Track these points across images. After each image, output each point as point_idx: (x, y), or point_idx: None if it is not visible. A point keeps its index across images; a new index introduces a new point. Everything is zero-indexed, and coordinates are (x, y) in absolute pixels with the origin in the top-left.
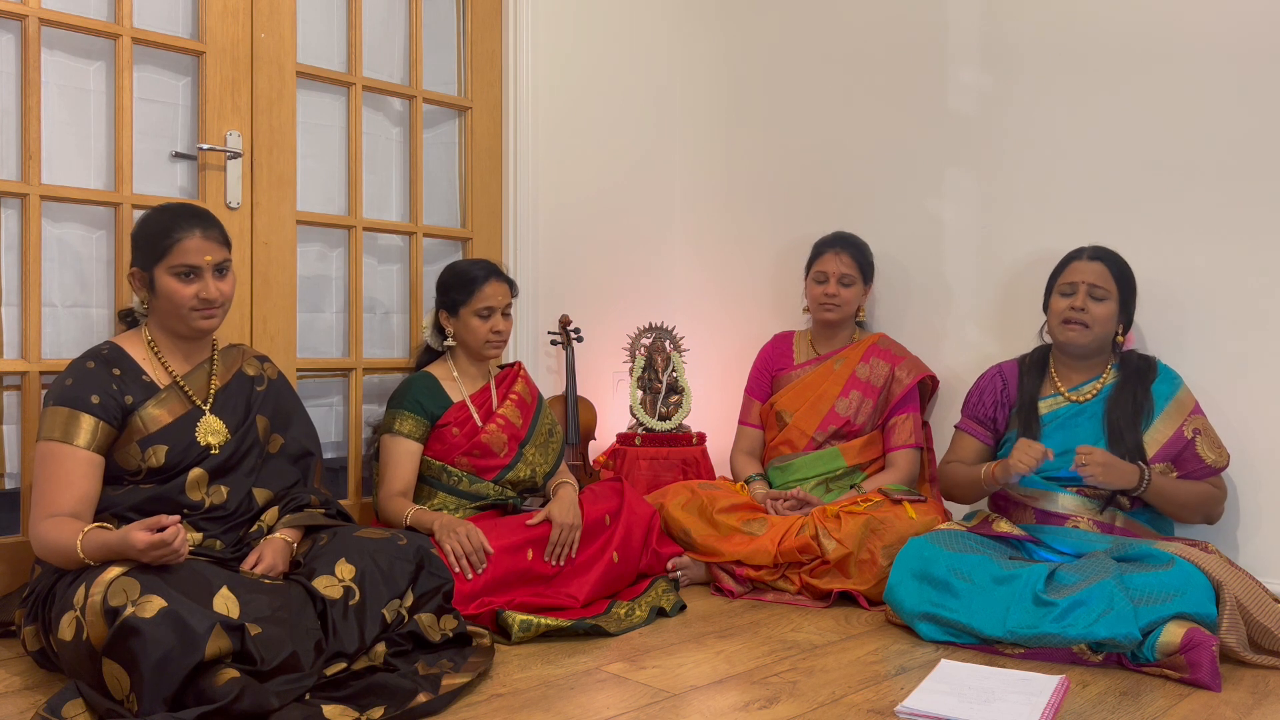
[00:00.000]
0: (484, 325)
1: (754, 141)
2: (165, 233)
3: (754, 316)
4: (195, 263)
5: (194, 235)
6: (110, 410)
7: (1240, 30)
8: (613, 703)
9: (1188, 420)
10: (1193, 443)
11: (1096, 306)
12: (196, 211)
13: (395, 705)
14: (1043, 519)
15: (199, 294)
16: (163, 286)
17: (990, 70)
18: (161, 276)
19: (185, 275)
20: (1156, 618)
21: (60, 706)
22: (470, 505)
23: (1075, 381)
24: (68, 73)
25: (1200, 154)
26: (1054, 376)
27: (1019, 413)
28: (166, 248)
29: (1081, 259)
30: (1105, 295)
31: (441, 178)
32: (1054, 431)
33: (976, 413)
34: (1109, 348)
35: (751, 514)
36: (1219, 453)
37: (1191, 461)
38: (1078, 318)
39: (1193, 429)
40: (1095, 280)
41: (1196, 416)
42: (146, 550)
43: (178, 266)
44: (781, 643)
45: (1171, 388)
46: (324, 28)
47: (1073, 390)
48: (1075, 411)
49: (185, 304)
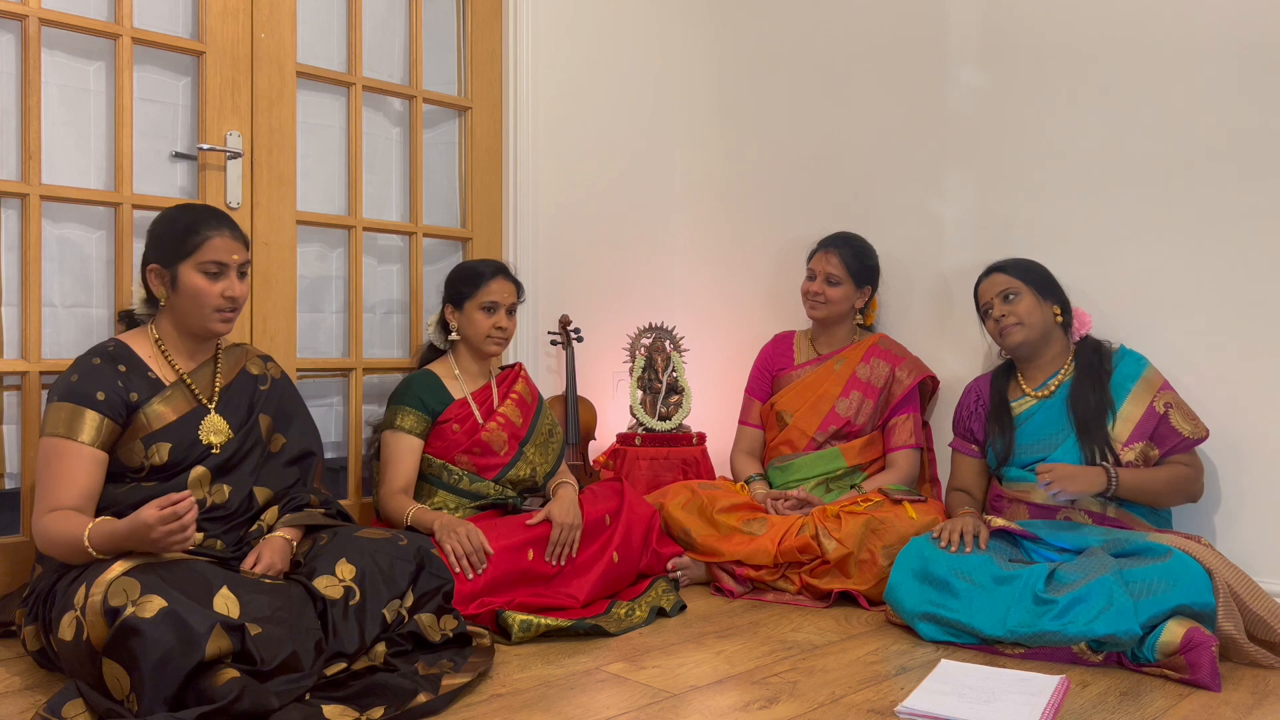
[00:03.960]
0: (487, 320)
1: (754, 141)
2: (193, 229)
3: (754, 316)
4: (224, 260)
5: (223, 234)
6: (115, 407)
7: (1242, 29)
8: (613, 703)
9: (1157, 396)
10: (1165, 417)
11: (1015, 305)
12: (224, 215)
13: (395, 705)
14: (1036, 513)
15: (224, 292)
16: (187, 283)
17: (990, 69)
18: (187, 273)
19: (213, 273)
20: (1157, 611)
21: (60, 706)
22: (470, 504)
23: (1039, 380)
24: (68, 73)
25: (1201, 153)
26: (1020, 380)
27: (993, 417)
28: (196, 244)
29: (982, 281)
30: (1016, 293)
31: (441, 178)
32: (1028, 429)
33: (960, 430)
34: (1060, 337)
35: (751, 514)
36: (1195, 424)
37: (1170, 436)
38: (1005, 324)
39: (1164, 403)
40: (1000, 288)
41: (1166, 392)
42: (157, 525)
43: (207, 264)
44: (781, 643)
45: (1137, 368)
46: (324, 28)
47: (1038, 389)
48: (1042, 407)
49: (210, 302)
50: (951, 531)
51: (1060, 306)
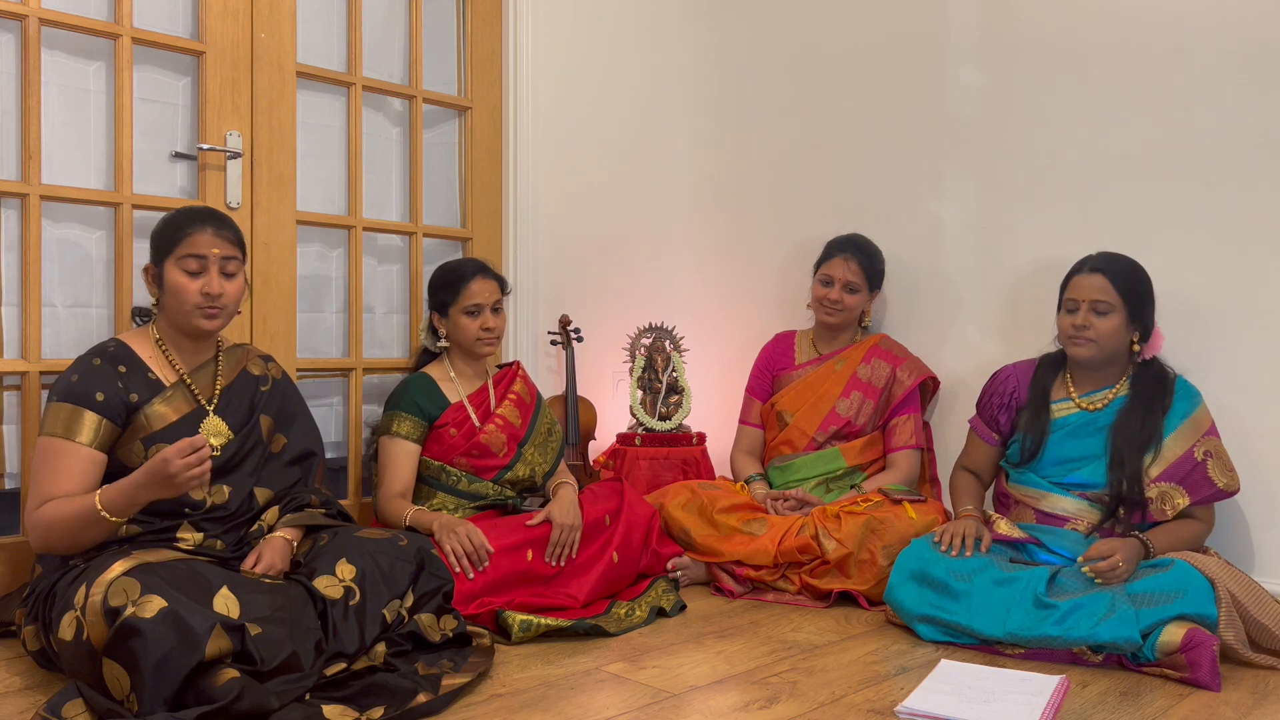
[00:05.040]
0: (473, 323)
1: (754, 141)
2: (178, 227)
3: (754, 316)
4: (202, 253)
5: (205, 230)
6: (114, 408)
7: (1243, 28)
8: (613, 703)
9: (1200, 441)
10: (1203, 464)
11: (1101, 321)
12: (215, 214)
13: (395, 705)
14: (1042, 519)
15: (203, 289)
16: (170, 281)
17: (990, 69)
18: (170, 270)
19: (193, 270)
20: (1157, 619)
21: (60, 706)
22: (469, 505)
23: (1088, 388)
24: (68, 73)
25: (1202, 153)
26: (1068, 380)
27: (1029, 409)
28: (176, 240)
29: (1083, 272)
30: (1109, 309)
31: (441, 178)
32: (1063, 438)
33: (984, 413)
34: (1125, 357)
35: (751, 514)
36: (1230, 477)
37: (1203, 485)
38: (1081, 335)
39: (1204, 451)
40: (1097, 295)
41: (1210, 438)
42: (175, 459)
43: (186, 259)
44: (781, 643)
45: (1188, 405)
46: (324, 28)
47: (1084, 397)
48: (1085, 420)
49: (190, 299)
50: (953, 535)
51: (1143, 333)
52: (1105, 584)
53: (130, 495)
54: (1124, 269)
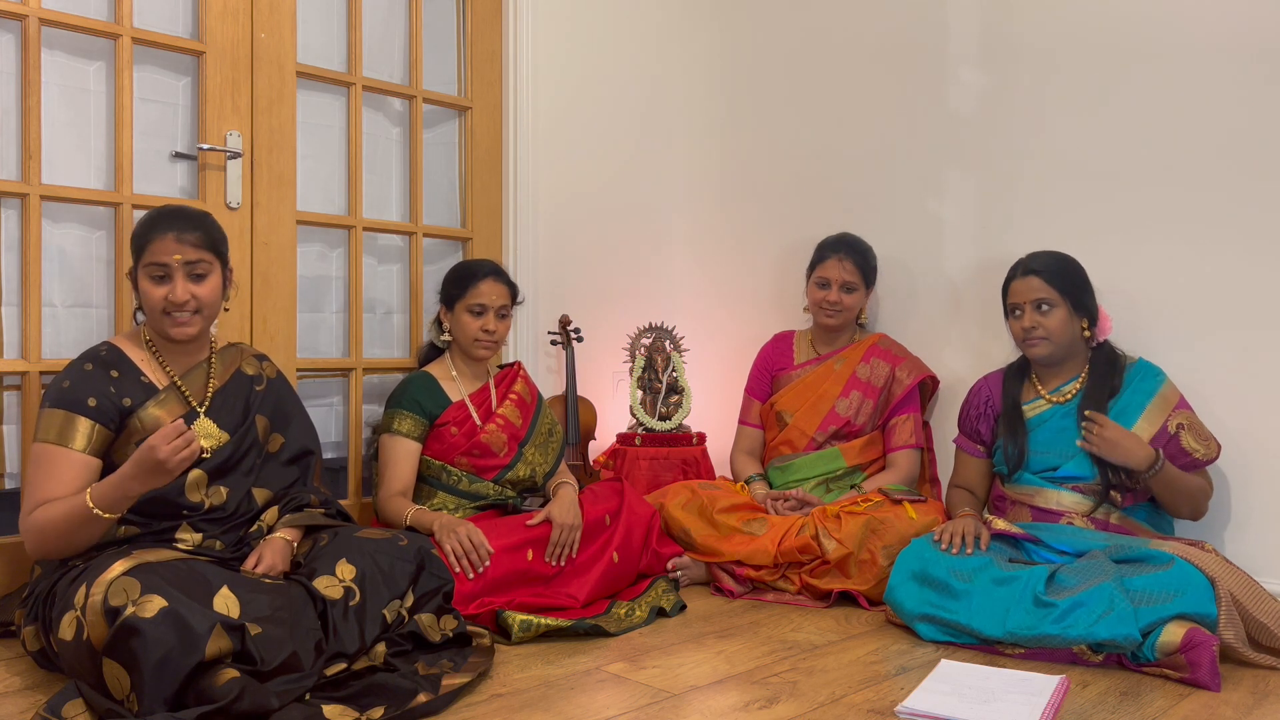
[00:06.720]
0: (475, 322)
1: (754, 141)
2: (143, 233)
3: (754, 316)
4: (163, 261)
5: (166, 236)
6: (107, 413)
7: (1243, 28)
8: (613, 703)
9: (1172, 415)
10: (1177, 437)
11: (1047, 318)
12: (182, 213)
13: (395, 705)
14: (1039, 516)
15: (167, 296)
16: (140, 288)
17: (990, 69)
18: (140, 277)
19: (158, 276)
20: (1156, 618)
21: (60, 706)
22: (470, 505)
23: (1055, 383)
24: (68, 73)
25: (1201, 153)
26: (1035, 380)
27: (1004, 419)
28: (141, 247)
29: (1018, 277)
30: (1051, 305)
31: (441, 178)
32: (1040, 434)
33: (965, 427)
34: (1081, 346)
35: (751, 514)
36: (1207, 445)
37: (1179, 457)
38: (1033, 335)
39: (1177, 424)
40: (1036, 295)
41: (1182, 411)
42: (162, 444)
43: (149, 266)
44: (781, 643)
45: (1154, 383)
46: (324, 28)
47: (1053, 392)
48: (1060, 413)
49: (156, 306)
50: (952, 534)
51: (1089, 319)
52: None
53: (121, 488)
54: (1055, 265)
